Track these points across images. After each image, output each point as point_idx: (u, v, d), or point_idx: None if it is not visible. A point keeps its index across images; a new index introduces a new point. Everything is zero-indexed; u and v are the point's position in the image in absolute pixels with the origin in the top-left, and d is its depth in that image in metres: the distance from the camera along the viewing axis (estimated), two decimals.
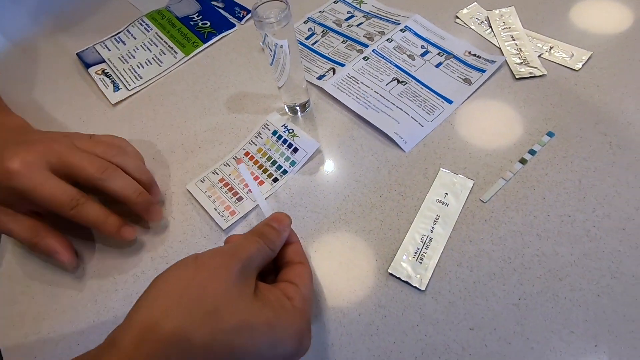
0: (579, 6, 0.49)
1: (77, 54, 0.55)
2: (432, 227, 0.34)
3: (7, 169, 0.30)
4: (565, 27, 0.47)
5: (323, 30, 0.52)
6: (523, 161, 0.37)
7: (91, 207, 0.33)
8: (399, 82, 0.45)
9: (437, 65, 0.46)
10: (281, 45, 0.35)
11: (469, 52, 0.47)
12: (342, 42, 0.50)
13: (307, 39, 0.51)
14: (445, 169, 0.38)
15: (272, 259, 0.28)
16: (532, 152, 0.38)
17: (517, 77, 0.43)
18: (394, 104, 0.43)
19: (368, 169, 0.39)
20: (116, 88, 0.50)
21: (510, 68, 0.44)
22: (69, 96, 0.51)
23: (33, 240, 0.33)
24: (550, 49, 0.45)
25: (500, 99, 0.42)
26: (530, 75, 0.43)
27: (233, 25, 0.55)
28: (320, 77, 0.47)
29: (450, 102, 0.43)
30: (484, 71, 0.44)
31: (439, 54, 0.47)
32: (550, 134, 0.39)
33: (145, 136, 0.46)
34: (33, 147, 0.32)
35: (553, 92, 0.42)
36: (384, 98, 0.44)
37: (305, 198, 0.38)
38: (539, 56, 0.45)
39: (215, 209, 0.39)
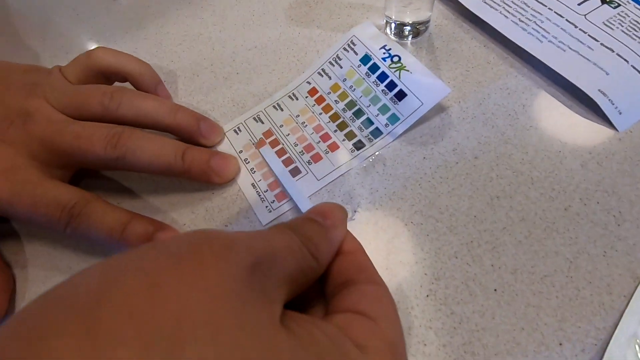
0: None
1: None
2: None
3: None
4: None
5: None
6: None
7: (97, 210, 0.20)
8: (603, 1, 0.25)
9: None
10: None
11: None
12: None
13: None
14: None
15: (317, 277, 0.15)
16: None
17: None
18: (597, 39, 0.23)
19: (539, 152, 0.21)
20: None
21: None
22: None
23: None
24: None
25: None
26: None
27: None
28: None
29: None
30: None
31: None
32: None
33: (158, 48, 0.29)
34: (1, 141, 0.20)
35: None
36: (575, 26, 0.24)
37: (411, 193, 0.21)
38: None
39: (254, 186, 0.22)
